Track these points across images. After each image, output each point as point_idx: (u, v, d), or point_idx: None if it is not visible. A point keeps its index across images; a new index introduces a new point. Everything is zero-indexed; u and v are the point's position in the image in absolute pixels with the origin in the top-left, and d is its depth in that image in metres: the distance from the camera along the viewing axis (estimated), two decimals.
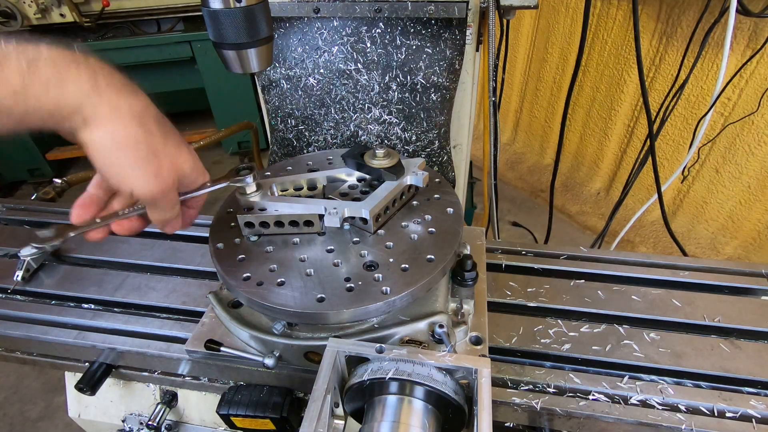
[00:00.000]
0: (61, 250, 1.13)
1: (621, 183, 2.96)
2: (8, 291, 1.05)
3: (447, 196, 0.94)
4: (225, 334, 0.84)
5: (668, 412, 0.76)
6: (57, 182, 1.48)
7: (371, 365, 0.68)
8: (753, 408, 0.77)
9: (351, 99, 1.18)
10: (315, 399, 0.63)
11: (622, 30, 2.70)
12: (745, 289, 0.98)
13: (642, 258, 1.05)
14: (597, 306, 0.95)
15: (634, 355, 0.85)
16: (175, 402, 1.01)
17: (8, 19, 3.16)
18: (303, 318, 0.74)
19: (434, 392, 0.65)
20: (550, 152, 3.56)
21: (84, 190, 0.70)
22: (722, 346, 0.87)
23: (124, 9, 3.48)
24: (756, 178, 2.42)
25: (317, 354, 0.78)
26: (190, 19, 3.69)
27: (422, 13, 1.05)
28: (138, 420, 1.04)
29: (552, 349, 0.87)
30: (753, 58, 2.01)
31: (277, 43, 1.14)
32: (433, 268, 0.77)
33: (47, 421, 2.34)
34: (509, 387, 0.82)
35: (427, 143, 1.21)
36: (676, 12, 2.39)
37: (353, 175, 0.96)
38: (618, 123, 2.94)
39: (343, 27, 1.11)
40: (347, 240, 0.84)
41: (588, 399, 0.78)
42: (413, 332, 0.78)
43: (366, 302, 0.72)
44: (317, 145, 1.26)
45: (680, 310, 0.93)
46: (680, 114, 2.55)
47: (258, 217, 0.83)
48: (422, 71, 1.12)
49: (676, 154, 2.69)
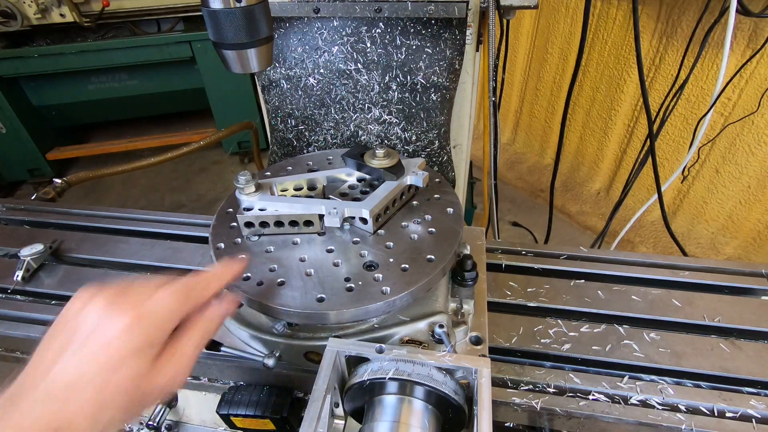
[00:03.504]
0: (61, 250, 1.13)
1: (621, 183, 2.96)
2: (8, 291, 1.04)
3: (447, 196, 0.94)
4: (225, 334, 0.84)
5: (668, 412, 0.76)
6: (57, 182, 1.48)
7: (371, 365, 0.68)
8: (753, 408, 0.77)
9: (351, 99, 1.18)
10: (315, 399, 0.63)
11: (622, 30, 2.70)
12: (745, 289, 0.98)
13: (642, 258, 1.05)
14: (597, 306, 0.95)
15: (634, 355, 0.85)
16: (175, 402, 1.01)
17: (8, 19, 3.16)
18: (303, 318, 0.74)
19: (434, 392, 0.65)
20: (550, 152, 3.56)
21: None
22: (722, 346, 0.87)
23: (124, 9, 3.48)
24: (756, 178, 2.42)
25: (317, 354, 0.78)
26: (190, 19, 3.68)
27: (422, 13, 1.05)
28: (138, 420, 1.03)
29: (552, 349, 0.87)
30: (753, 58, 2.01)
31: (277, 43, 1.14)
32: (433, 268, 0.77)
33: None
34: (509, 387, 0.82)
35: (427, 143, 1.21)
36: (676, 12, 2.39)
37: (353, 175, 0.96)
38: (618, 123, 2.94)
39: (343, 27, 1.11)
40: (347, 240, 0.84)
41: (588, 399, 0.78)
42: (413, 332, 0.78)
43: (366, 302, 0.72)
44: (317, 145, 1.26)
45: (680, 310, 0.93)
46: (680, 114, 2.55)
47: (258, 217, 0.83)
48: (422, 71, 1.12)
49: (676, 154, 2.69)
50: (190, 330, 0.60)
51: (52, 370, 0.52)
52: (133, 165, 1.70)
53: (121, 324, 0.53)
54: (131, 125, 4.56)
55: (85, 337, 0.53)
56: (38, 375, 0.52)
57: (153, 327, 0.55)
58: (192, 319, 0.61)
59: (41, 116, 3.88)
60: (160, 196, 3.94)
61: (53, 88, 3.77)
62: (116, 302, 0.55)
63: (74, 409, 0.50)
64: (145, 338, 0.54)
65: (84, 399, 0.51)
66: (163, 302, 0.57)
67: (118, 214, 1.25)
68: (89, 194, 3.90)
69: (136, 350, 0.53)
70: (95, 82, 3.83)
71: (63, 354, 0.53)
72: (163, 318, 0.56)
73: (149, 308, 0.55)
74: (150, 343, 0.55)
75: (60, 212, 1.29)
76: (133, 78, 3.88)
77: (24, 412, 0.49)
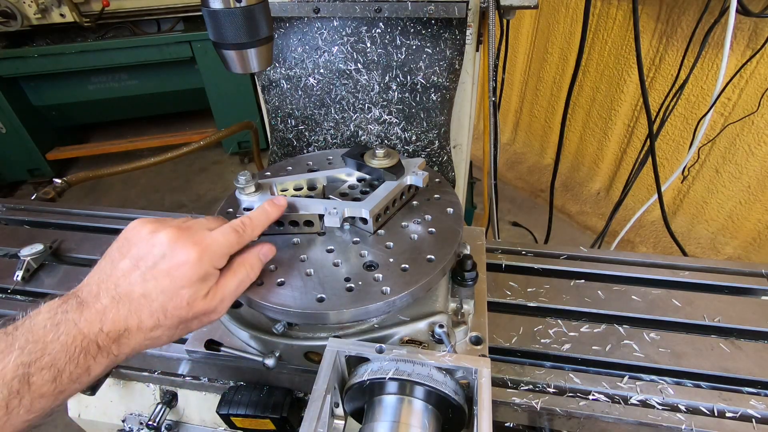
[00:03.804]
0: (61, 250, 1.13)
1: (621, 183, 2.96)
2: (8, 291, 1.04)
3: (447, 196, 0.94)
4: (225, 334, 0.84)
5: (668, 412, 0.76)
6: (57, 182, 1.48)
7: (371, 365, 0.68)
8: (753, 408, 0.77)
9: (351, 99, 1.18)
10: (315, 399, 0.63)
11: (622, 30, 2.70)
12: (745, 289, 0.98)
13: (642, 258, 1.05)
14: (597, 306, 0.95)
15: (634, 355, 0.85)
16: (175, 402, 1.01)
17: (8, 19, 3.16)
18: (303, 318, 0.74)
19: (434, 392, 0.65)
20: (550, 152, 3.56)
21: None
22: (722, 346, 0.87)
23: (124, 9, 3.48)
24: (756, 178, 2.42)
25: (317, 354, 0.78)
26: (190, 19, 3.68)
27: (422, 13, 1.05)
28: (138, 420, 1.03)
29: (552, 349, 0.87)
30: (753, 58, 2.01)
31: (277, 43, 1.14)
32: (433, 268, 0.77)
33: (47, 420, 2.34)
34: (509, 387, 0.82)
35: (427, 143, 1.21)
36: (676, 12, 2.39)
37: (353, 175, 0.96)
38: (618, 123, 2.94)
39: (343, 27, 1.11)
40: (347, 240, 0.84)
41: (588, 399, 0.78)
42: (413, 332, 0.78)
43: (366, 302, 0.71)
44: (317, 145, 1.26)
45: (680, 310, 0.93)
46: (680, 114, 2.55)
47: None
48: (422, 71, 1.12)
49: (676, 154, 2.69)
50: (236, 269, 0.68)
51: (123, 282, 0.61)
52: (133, 165, 1.70)
53: (187, 256, 0.62)
54: (131, 125, 4.56)
55: (154, 261, 0.62)
56: (109, 284, 0.61)
57: (212, 261, 0.64)
58: (237, 260, 0.69)
59: (41, 116, 3.88)
60: (160, 196, 3.94)
61: (53, 88, 3.77)
62: (182, 236, 0.63)
63: (142, 317, 0.60)
64: (206, 270, 0.63)
65: (151, 309, 0.60)
66: (221, 239, 0.66)
67: (118, 214, 1.25)
68: (89, 194, 3.90)
69: (198, 279, 0.62)
70: (95, 82, 3.83)
71: (134, 271, 0.61)
72: (220, 254, 0.66)
73: (210, 244, 0.64)
74: (208, 275, 0.64)
75: (60, 212, 1.29)
76: (133, 78, 3.88)
77: (98, 311, 0.59)
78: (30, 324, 0.56)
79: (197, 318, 0.65)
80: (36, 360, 0.53)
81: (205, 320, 0.66)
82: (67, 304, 0.59)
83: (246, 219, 0.72)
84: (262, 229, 0.74)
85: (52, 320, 0.56)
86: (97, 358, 0.58)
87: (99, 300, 0.60)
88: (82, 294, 0.61)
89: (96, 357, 0.57)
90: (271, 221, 0.76)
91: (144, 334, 0.61)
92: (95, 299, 0.60)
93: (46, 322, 0.56)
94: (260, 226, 0.73)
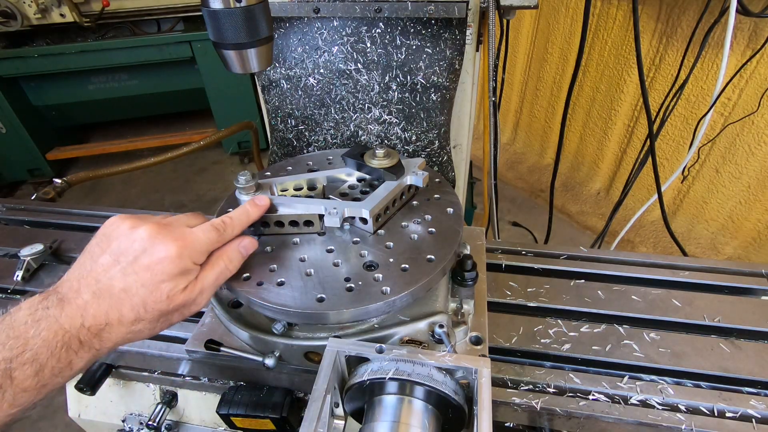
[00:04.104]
0: (61, 250, 1.13)
1: (621, 183, 2.96)
2: (8, 291, 1.04)
3: (447, 196, 0.94)
4: (225, 334, 0.84)
5: (668, 412, 0.76)
6: (57, 182, 1.48)
7: (371, 365, 0.68)
8: (753, 408, 0.77)
9: (351, 99, 1.18)
10: (315, 399, 0.63)
11: (622, 30, 2.70)
12: (745, 289, 0.98)
13: (642, 258, 1.05)
14: (597, 306, 0.95)
15: (634, 355, 0.85)
16: (175, 402, 1.01)
17: (8, 19, 3.17)
18: (303, 318, 0.74)
19: (434, 392, 0.65)
20: (550, 152, 3.56)
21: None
22: (722, 346, 0.87)
23: (124, 9, 3.49)
24: (756, 178, 2.42)
25: (317, 354, 0.78)
26: (190, 19, 3.69)
27: (422, 13, 1.05)
28: (138, 420, 1.03)
29: (552, 349, 0.87)
30: (753, 58, 2.01)
31: (277, 43, 1.14)
32: (433, 268, 0.77)
33: (47, 421, 2.34)
34: (509, 387, 0.82)
35: (427, 143, 1.21)
36: (676, 12, 2.39)
37: (353, 175, 0.96)
38: (618, 123, 2.94)
39: (343, 27, 1.11)
40: (347, 240, 0.84)
41: (588, 399, 0.78)
42: (413, 332, 0.78)
43: (366, 302, 0.71)
44: (317, 145, 1.26)
45: (680, 310, 0.93)
46: (680, 114, 2.55)
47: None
48: (422, 71, 1.12)
49: (676, 154, 2.69)
50: (214, 262, 0.70)
51: (103, 277, 0.61)
52: (133, 165, 1.70)
53: (168, 251, 0.62)
54: (131, 125, 4.56)
55: (135, 256, 0.62)
56: (90, 280, 0.61)
57: (192, 257, 0.65)
58: (216, 253, 0.71)
59: (41, 116, 3.88)
60: (160, 196, 3.94)
61: (53, 88, 3.77)
62: (162, 232, 0.64)
63: (123, 311, 0.61)
64: (186, 265, 0.64)
65: (132, 304, 0.61)
66: (202, 237, 0.67)
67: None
68: (89, 194, 3.90)
69: (178, 273, 0.63)
70: (95, 82, 3.84)
71: (114, 266, 0.62)
72: (200, 250, 0.67)
73: (191, 240, 0.65)
74: (188, 270, 0.65)
75: (60, 212, 1.29)
76: (133, 78, 3.88)
77: (79, 306, 0.59)
78: (10, 320, 0.56)
79: (177, 311, 0.66)
80: (18, 355, 0.54)
81: (186, 312, 0.67)
82: (48, 300, 0.59)
83: (227, 218, 0.73)
84: (242, 228, 0.75)
85: (32, 316, 0.57)
86: (79, 353, 0.58)
87: (80, 295, 0.60)
88: (63, 290, 0.61)
89: (78, 352, 0.58)
90: (252, 221, 0.77)
91: (125, 328, 0.62)
92: (76, 295, 0.60)
93: (26, 318, 0.57)
94: (240, 226, 0.75)
